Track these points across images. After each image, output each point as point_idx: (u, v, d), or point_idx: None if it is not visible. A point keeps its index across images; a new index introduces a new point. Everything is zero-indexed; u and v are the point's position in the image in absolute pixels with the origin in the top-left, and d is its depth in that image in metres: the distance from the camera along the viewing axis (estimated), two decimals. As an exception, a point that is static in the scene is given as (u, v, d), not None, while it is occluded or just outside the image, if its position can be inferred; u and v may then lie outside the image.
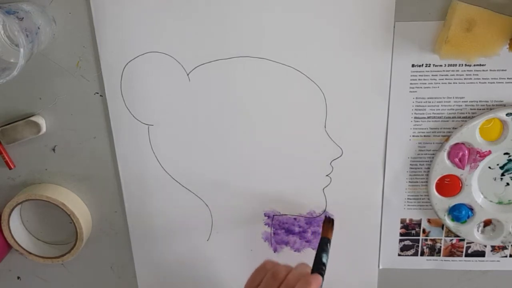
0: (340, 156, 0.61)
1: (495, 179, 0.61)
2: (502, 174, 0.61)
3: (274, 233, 0.65)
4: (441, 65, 0.56)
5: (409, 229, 0.64)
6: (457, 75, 0.56)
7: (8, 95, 0.58)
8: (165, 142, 0.61)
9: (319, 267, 0.57)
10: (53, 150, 0.61)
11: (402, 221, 0.64)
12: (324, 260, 0.57)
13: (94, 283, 0.70)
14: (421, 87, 0.57)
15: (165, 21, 0.55)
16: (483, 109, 0.58)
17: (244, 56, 0.56)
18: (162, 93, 0.58)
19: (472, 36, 0.52)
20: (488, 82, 0.56)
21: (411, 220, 0.64)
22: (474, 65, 0.56)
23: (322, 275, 0.56)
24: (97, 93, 0.58)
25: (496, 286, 0.68)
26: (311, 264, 0.58)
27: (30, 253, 0.65)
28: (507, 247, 0.65)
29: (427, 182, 0.61)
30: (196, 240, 0.66)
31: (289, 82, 0.57)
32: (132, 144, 0.61)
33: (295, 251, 0.66)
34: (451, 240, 0.65)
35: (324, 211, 0.64)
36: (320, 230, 0.63)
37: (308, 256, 0.66)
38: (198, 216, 0.64)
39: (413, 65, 0.56)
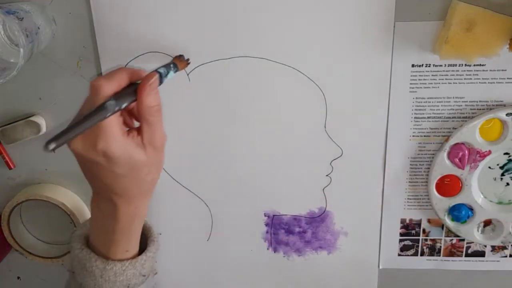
0: (340, 156, 0.61)
1: (495, 179, 0.61)
2: (502, 174, 0.61)
3: (274, 233, 0.65)
4: (441, 65, 0.56)
5: (409, 229, 0.64)
6: (457, 75, 0.56)
7: (8, 95, 0.58)
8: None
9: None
10: (53, 150, 0.61)
11: (402, 221, 0.64)
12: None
13: (94, 283, 0.70)
14: (421, 87, 0.57)
15: (165, 21, 0.55)
16: (483, 109, 0.58)
17: (244, 56, 0.56)
18: (162, 93, 0.58)
19: (472, 36, 0.52)
20: (488, 82, 0.56)
21: (411, 220, 0.64)
22: (474, 65, 0.56)
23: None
24: (97, 93, 0.58)
25: (496, 286, 0.67)
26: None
27: (30, 253, 0.65)
28: (507, 247, 0.65)
29: (427, 182, 0.61)
30: (196, 240, 0.66)
31: (289, 82, 0.57)
32: (132, 144, 0.60)
33: (295, 251, 0.66)
34: (451, 240, 0.65)
35: (324, 211, 0.64)
36: (320, 230, 0.63)
37: (309, 259, 0.66)
38: (198, 216, 0.64)
39: (413, 65, 0.56)
